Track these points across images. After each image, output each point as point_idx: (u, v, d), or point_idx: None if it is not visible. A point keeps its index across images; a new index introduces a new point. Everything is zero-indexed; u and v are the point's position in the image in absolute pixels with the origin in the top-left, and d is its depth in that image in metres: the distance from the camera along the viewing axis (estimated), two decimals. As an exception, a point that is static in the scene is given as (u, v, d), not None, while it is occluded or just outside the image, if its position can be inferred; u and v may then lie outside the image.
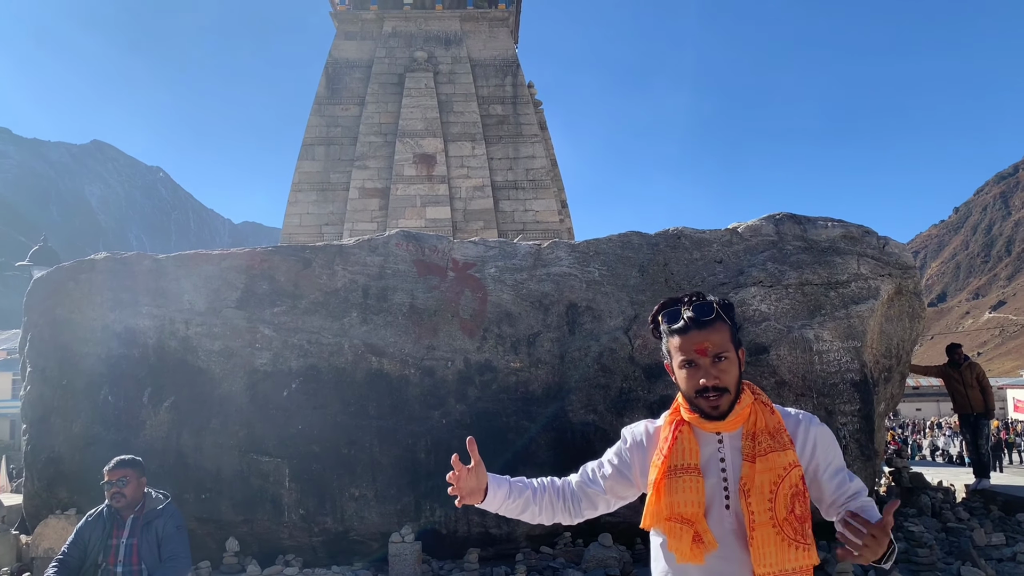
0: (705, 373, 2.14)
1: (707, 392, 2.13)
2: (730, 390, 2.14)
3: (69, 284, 8.40)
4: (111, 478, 4.31)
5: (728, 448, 2.18)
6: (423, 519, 7.78)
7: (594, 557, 7.14)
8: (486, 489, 2.44)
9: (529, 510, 2.45)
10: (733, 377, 2.15)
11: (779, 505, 2.05)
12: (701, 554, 2.09)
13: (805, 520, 2.08)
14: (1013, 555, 7.86)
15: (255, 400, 7.91)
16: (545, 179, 20.83)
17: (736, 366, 2.17)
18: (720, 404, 2.13)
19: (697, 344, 2.14)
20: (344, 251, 8.52)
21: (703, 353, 2.14)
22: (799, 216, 8.93)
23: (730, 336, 2.17)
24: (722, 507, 2.13)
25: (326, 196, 20.44)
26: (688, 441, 2.21)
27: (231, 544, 7.53)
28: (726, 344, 2.15)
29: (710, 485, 2.16)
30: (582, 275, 8.43)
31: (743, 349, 2.24)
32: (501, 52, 22.16)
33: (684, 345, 2.18)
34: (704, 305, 2.19)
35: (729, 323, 2.19)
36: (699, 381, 2.14)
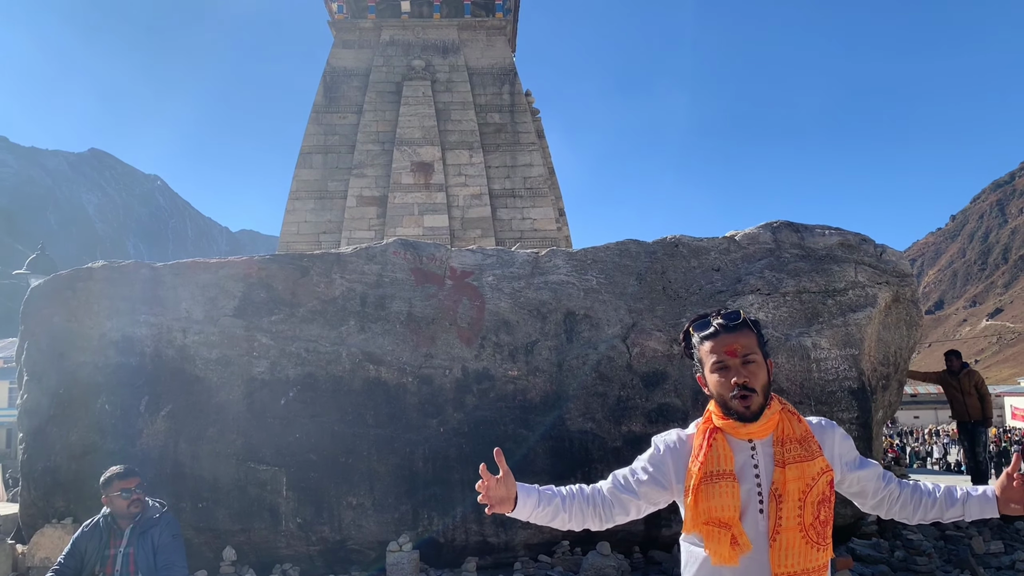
0: (736, 372, 2.28)
1: (738, 391, 2.27)
2: (759, 392, 2.28)
3: (66, 293, 8.39)
4: (129, 485, 4.30)
5: (761, 455, 2.29)
6: (421, 528, 7.76)
7: (592, 566, 7.12)
8: (515, 498, 2.48)
9: (559, 517, 2.52)
10: (761, 380, 2.29)
11: (807, 511, 2.18)
12: (737, 556, 2.22)
13: (827, 523, 2.23)
14: (1012, 563, 7.85)
15: (252, 409, 7.89)
16: (543, 187, 20.86)
17: (764, 371, 2.32)
18: (751, 404, 2.27)
19: (727, 346, 2.28)
20: (342, 259, 8.52)
21: (733, 354, 2.28)
22: (796, 224, 8.94)
23: (757, 343, 2.32)
24: (756, 511, 2.24)
25: (324, 204, 20.46)
26: (722, 448, 2.34)
27: (228, 553, 7.51)
28: (754, 348, 2.30)
29: (745, 490, 2.27)
30: (580, 283, 8.44)
31: (771, 360, 2.38)
32: (498, 60, 22.21)
33: (715, 348, 2.32)
34: (732, 312, 2.35)
35: (757, 332, 2.34)
36: (731, 380, 2.28)
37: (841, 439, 2.37)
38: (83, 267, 8.78)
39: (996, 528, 9.49)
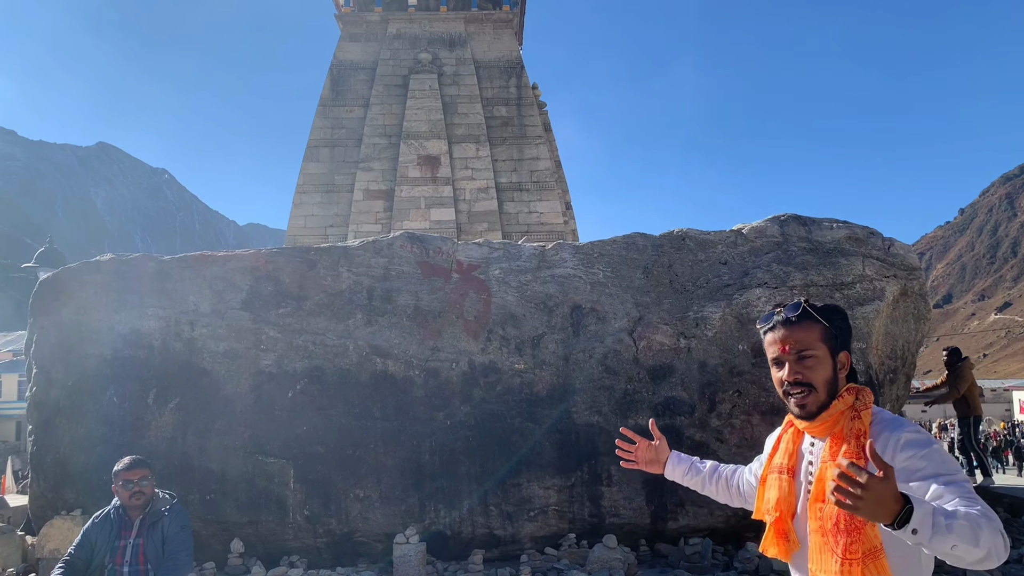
0: (788, 369, 2.15)
1: (788, 387, 2.15)
2: (816, 388, 2.12)
3: (74, 286, 8.43)
4: (132, 477, 4.32)
5: (817, 451, 2.17)
6: (428, 520, 7.79)
7: (599, 559, 7.13)
8: (665, 462, 2.78)
9: (706, 489, 2.74)
10: (821, 376, 2.12)
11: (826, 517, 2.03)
12: (786, 552, 2.18)
13: (852, 532, 1.96)
14: (1019, 557, 7.84)
15: (260, 401, 7.92)
16: (549, 181, 20.84)
17: (827, 366, 2.13)
18: (807, 403, 2.13)
19: (781, 342, 2.16)
20: (349, 253, 8.53)
21: (786, 351, 2.15)
22: (804, 217, 8.92)
23: (821, 336, 2.14)
24: (806, 508, 2.15)
25: (331, 198, 20.47)
26: (790, 443, 2.27)
27: (236, 545, 7.54)
28: (813, 342, 2.13)
29: (798, 485, 2.21)
30: (586, 277, 8.43)
31: (846, 353, 2.19)
32: (505, 53, 22.17)
33: (772, 342, 2.20)
34: (794, 305, 2.19)
35: (824, 324, 2.16)
36: (782, 377, 2.16)
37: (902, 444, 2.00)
38: (91, 260, 8.81)
39: (1004, 523, 9.47)
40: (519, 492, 7.85)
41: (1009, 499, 10.64)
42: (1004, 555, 1.79)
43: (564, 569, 7.26)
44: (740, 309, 8.21)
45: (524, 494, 7.86)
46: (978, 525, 1.74)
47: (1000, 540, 1.77)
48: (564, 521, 7.93)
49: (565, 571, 7.18)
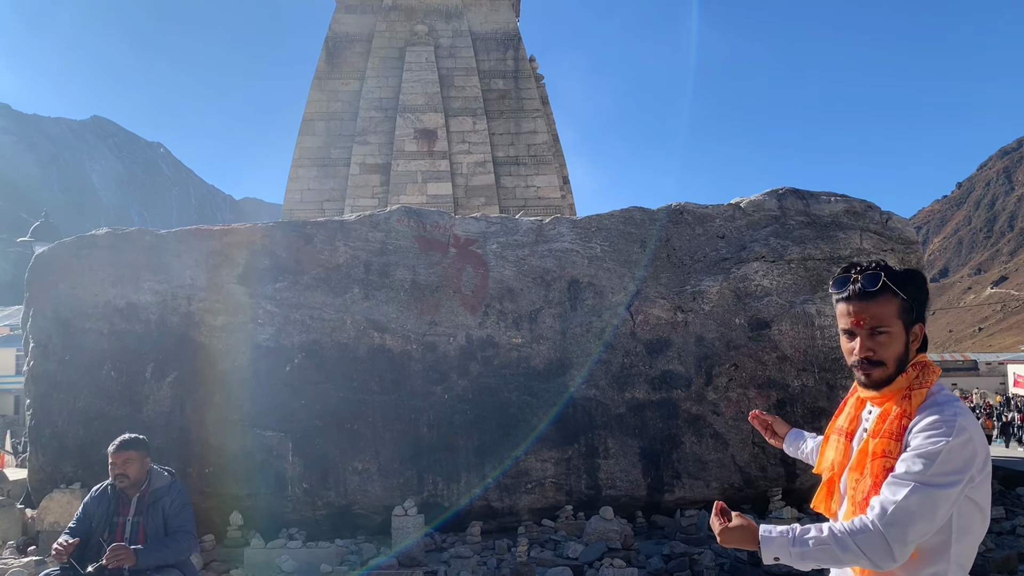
0: (860, 345, 2.10)
1: (860, 363, 2.11)
2: (887, 364, 2.09)
3: (71, 260, 8.40)
4: (115, 460, 4.32)
5: (871, 419, 2.18)
6: (426, 493, 7.84)
7: (595, 530, 7.19)
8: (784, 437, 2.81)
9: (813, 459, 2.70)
10: (892, 352, 2.08)
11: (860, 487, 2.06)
12: (831, 508, 2.21)
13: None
14: (1013, 528, 7.92)
15: (258, 375, 7.93)
16: (547, 154, 20.74)
17: (899, 342, 2.09)
18: (872, 373, 2.10)
19: (856, 315, 2.10)
20: (346, 227, 8.50)
21: (859, 325, 2.09)
22: (802, 191, 8.90)
23: (898, 311, 2.08)
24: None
25: (327, 172, 20.37)
26: (853, 408, 2.27)
27: (235, 518, 7.59)
28: (888, 319, 2.07)
29: (853, 448, 2.20)
30: (584, 251, 8.42)
31: (921, 325, 2.14)
32: (502, 25, 21.97)
33: (845, 312, 2.13)
34: (872, 276, 2.10)
35: (901, 297, 2.09)
36: (853, 350, 2.13)
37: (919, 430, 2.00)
38: (87, 235, 8.78)
39: (998, 494, 9.56)
40: (516, 465, 7.89)
41: (1003, 471, 10.74)
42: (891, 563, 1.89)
43: (561, 541, 7.32)
44: (737, 283, 8.21)
45: (521, 467, 7.90)
46: (842, 546, 1.90)
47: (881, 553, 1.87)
48: (561, 493, 7.98)
49: (562, 543, 7.24)
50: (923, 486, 1.89)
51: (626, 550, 6.97)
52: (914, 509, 1.88)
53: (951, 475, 1.89)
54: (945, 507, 1.90)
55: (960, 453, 1.91)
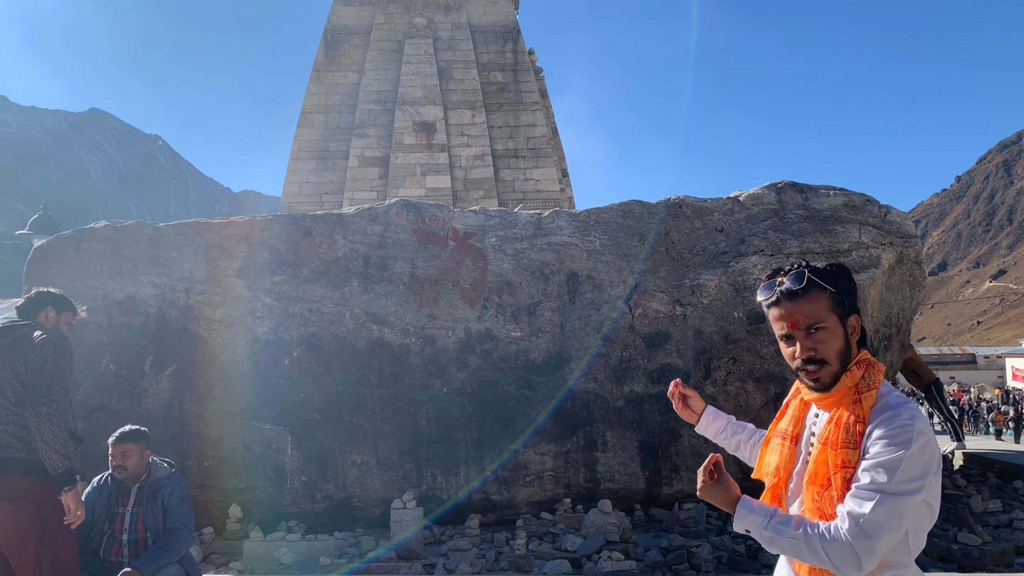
0: (800, 346, 2.04)
1: (802, 364, 2.05)
2: (830, 362, 2.03)
3: (69, 253, 8.39)
4: (114, 452, 4.35)
5: (819, 424, 2.11)
6: (425, 486, 7.86)
7: (594, 523, 7.20)
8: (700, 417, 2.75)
9: (740, 452, 2.65)
10: (834, 348, 2.03)
11: (825, 499, 1.99)
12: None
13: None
14: (1010, 521, 7.94)
15: (257, 368, 7.94)
16: (546, 148, 20.73)
17: (839, 336, 2.04)
18: (820, 376, 2.04)
19: (789, 316, 2.04)
20: (344, 220, 8.50)
21: (795, 326, 2.04)
22: (801, 184, 8.90)
23: (830, 305, 2.03)
24: (800, 478, 2.12)
25: (325, 165, 20.35)
26: (798, 409, 2.21)
27: (234, 511, 7.60)
28: (822, 314, 2.02)
29: (798, 454, 2.15)
30: (583, 244, 8.42)
31: (856, 316, 2.08)
32: (501, 18, 21.92)
33: (778, 317, 2.08)
34: (796, 274, 2.05)
35: (830, 291, 2.04)
36: (794, 354, 2.06)
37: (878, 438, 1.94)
38: (86, 227, 8.77)
39: (995, 487, 9.59)
40: (515, 458, 7.91)
41: (1000, 465, 10.77)
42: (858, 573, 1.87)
43: (559, 533, 7.34)
44: (736, 277, 8.21)
45: (520, 460, 7.92)
46: (810, 547, 1.90)
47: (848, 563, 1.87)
48: (560, 486, 8.00)
49: (560, 535, 7.26)
50: (889, 496, 1.86)
51: (624, 543, 6.99)
52: (882, 521, 1.86)
53: (914, 482, 1.87)
54: (910, 514, 1.89)
55: (920, 459, 1.88)
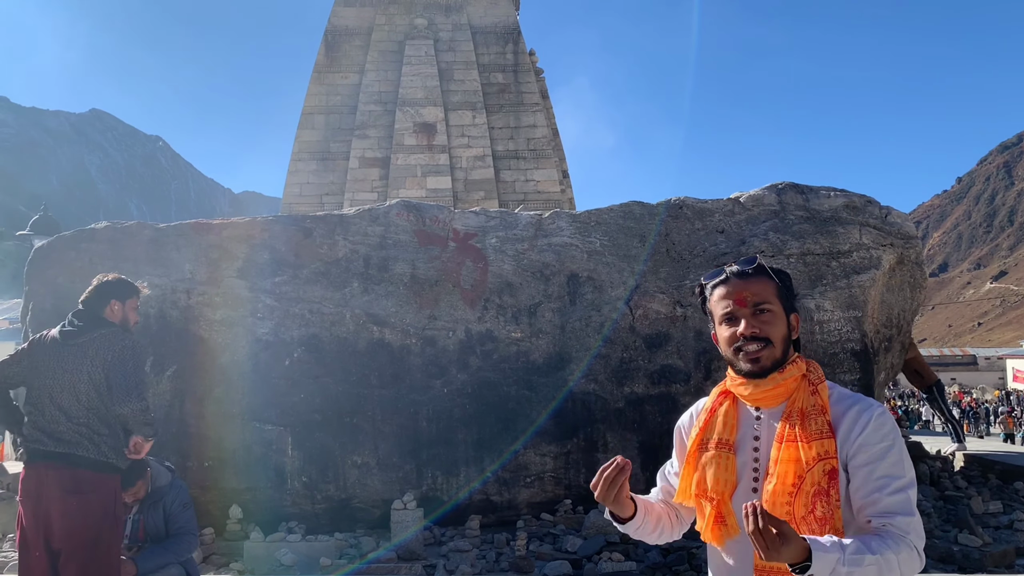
0: (745, 323, 1.96)
1: (743, 342, 1.96)
2: (773, 343, 1.95)
3: (70, 254, 8.40)
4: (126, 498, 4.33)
5: (765, 426, 1.98)
6: (425, 487, 7.86)
7: (594, 524, 7.20)
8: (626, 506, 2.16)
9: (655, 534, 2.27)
10: (778, 332, 1.97)
11: (798, 502, 1.84)
12: (722, 537, 1.98)
13: (827, 523, 1.83)
14: (1010, 523, 7.94)
15: (257, 369, 7.94)
16: (546, 149, 20.73)
17: (783, 323, 1.98)
18: (762, 356, 1.94)
19: (737, 293, 1.98)
20: (345, 221, 8.50)
21: (742, 303, 1.97)
22: (801, 186, 8.89)
23: (775, 292, 2.00)
24: (749, 489, 1.97)
25: (326, 166, 20.35)
26: (727, 414, 2.05)
27: (234, 511, 7.61)
28: (768, 296, 1.98)
29: (740, 464, 1.99)
30: (583, 245, 8.42)
31: (796, 315, 2.04)
32: (502, 19, 21.92)
33: (724, 296, 2.01)
34: (748, 257, 2.06)
35: (776, 281, 2.02)
36: (738, 332, 1.97)
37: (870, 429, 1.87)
38: (86, 228, 8.78)
39: (995, 488, 9.58)
40: (516, 459, 7.91)
41: (1001, 466, 10.76)
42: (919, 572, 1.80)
43: (560, 534, 7.34)
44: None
45: (521, 461, 7.92)
46: (888, 566, 1.74)
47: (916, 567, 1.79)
48: (560, 487, 8.00)
49: (561, 536, 7.26)
50: (912, 487, 1.85)
51: (625, 544, 6.99)
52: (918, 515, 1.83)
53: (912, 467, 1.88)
54: None
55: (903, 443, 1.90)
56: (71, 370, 3.86)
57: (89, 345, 3.91)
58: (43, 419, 3.84)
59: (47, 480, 3.78)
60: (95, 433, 3.83)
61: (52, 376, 3.87)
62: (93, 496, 3.80)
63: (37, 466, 3.84)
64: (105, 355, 3.88)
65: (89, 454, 3.81)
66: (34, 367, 3.95)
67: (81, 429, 3.81)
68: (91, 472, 3.81)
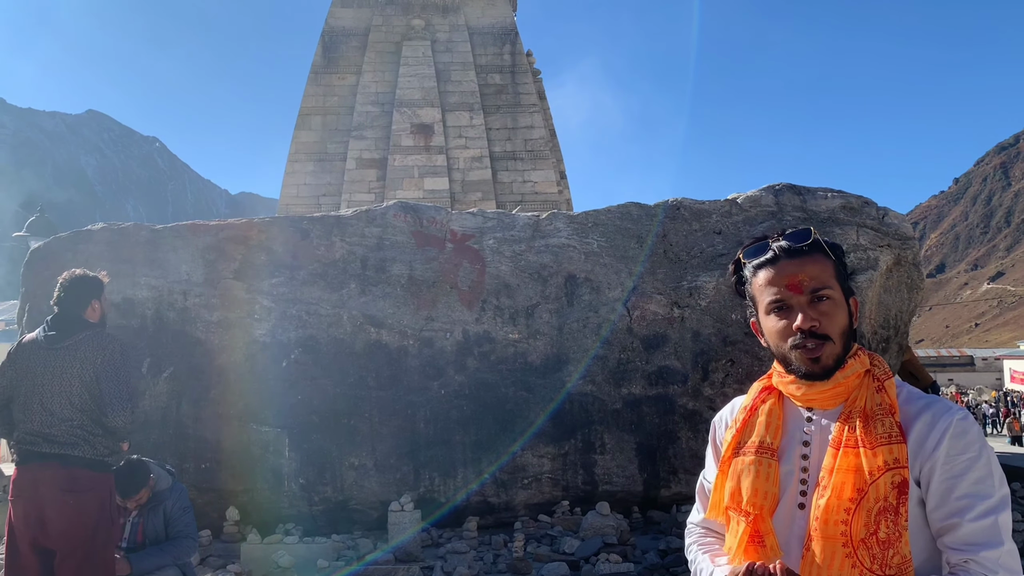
0: (802, 313, 1.60)
1: (801, 339, 1.60)
2: (834, 339, 1.60)
3: (67, 255, 8.38)
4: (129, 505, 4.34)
5: (817, 429, 1.64)
6: (422, 488, 7.85)
7: (592, 525, 7.20)
8: None
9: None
10: (838, 324, 1.61)
11: (857, 520, 1.51)
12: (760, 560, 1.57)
13: (891, 546, 1.49)
14: (1007, 524, 7.94)
15: (254, 371, 7.93)
16: (544, 149, 20.74)
17: (844, 312, 1.62)
18: (821, 355, 1.59)
19: (790, 277, 1.61)
20: (342, 222, 8.50)
21: (797, 288, 1.61)
22: (798, 187, 8.90)
23: (834, 273, 1.64)
24: (794, 504, 1.62)
25: (323, 167, 20.35)
26: (771, 414, 1.70)
27: (231, 513, 7.59)
28: (828, 279, 1.62)
29: (784, 474, 1.64)
30: (581, 246, 8.42)
31: (855, 299, 1.68)
32: (499, 20, 21.93)
33: (774, 280, 1.64)
34: (800, 232, 1.66)
35: (834, 259, 1.66)
36: (793, 324, 1.61)
37: (950, 436, 1.53)
38: (83, 229, 8.76)
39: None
40: (513, 460, 7.90)
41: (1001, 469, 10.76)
42: None
43: (558, 536, 7.33)
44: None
45: (518, 462, 7.92)
46: None
47: None
48: (558, 489, 8.00)
49: (559, 538, 7.25)
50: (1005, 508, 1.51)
51: (622, 545, 6.99)
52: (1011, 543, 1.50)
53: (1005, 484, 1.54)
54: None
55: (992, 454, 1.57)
56: (61, 374, 3.85)
57: (77, 348, 3.90)
58: (35, 423, 3.84)
59: (43, 479, 3.79)
60: (89, 433, 3.85)
61: (42, 381, 3.86)
62: (90, 494, 3.83)
63: (32, 467, 3.84)
64: (95, 358, 3.88)
65: (85, 454, 3.83)
66: (20, 375, 3.94)
67: (75, 430, 3.82)
68: (87, 471, 3.84)
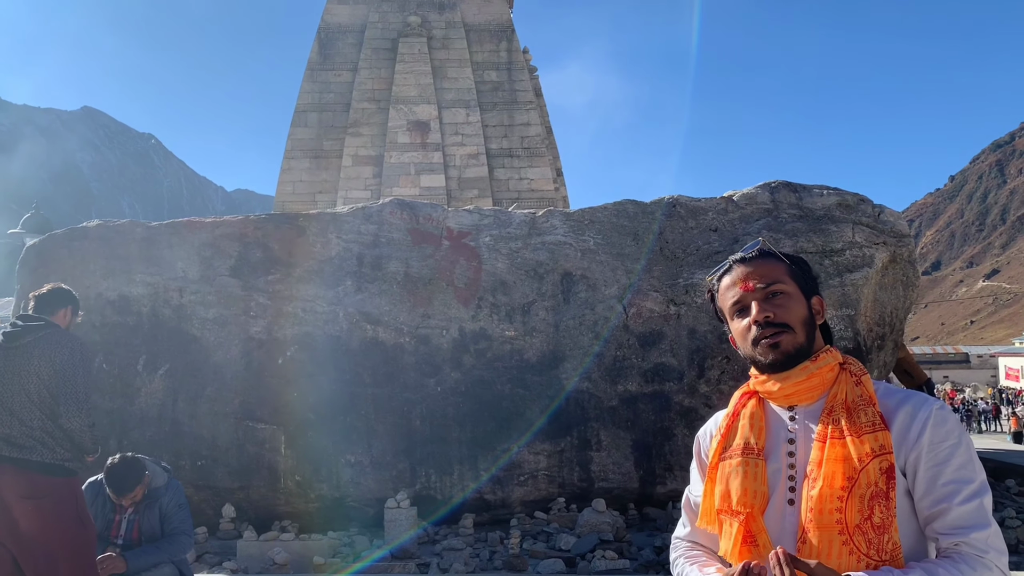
0: (757, 308, 1.69)
1: (758, 330, 1.68)
2: (793, 328, 1.66)
3: (62, 252, 8.36)
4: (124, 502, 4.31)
5: (801, 426, 1.68)
6: (419, 485, 7.85)
7: (588, 522, 7.21)
8: None
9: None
10: (795, 315, 1.67)
11: (851, 507, 1.55)
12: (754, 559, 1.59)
13: (885, 531, 1.53)
14: (1002, 520, 7.97)
15: (250, 368, 7.92)
16: (540, 147, 20.72)
17: (801, 305, 1.69)
18: (780, 341, 1.65)
19: (743, 279, 1.72)
20: (338, 219, 8.49)
21: (749, 287, 1.70)
22: (795, 184, 8.91)
23: (787, 272, 1.73)
24: (784, 501, 1.65)
25: (319, 164, 20.30)
26: (753, 416, 1.77)
27: (227, 510, 7.59)
28: (780, 276, 1.71)
29: (771, 472, 1.67)
30: (577, 244, 8.42)
31: (819, 298, 1.75)
32: (496, 17, 21.90)
33: (730, 285, 1.75)
34: (752, 243, 1.79)
35: (786, 262, 1.75)
36: (748, 328, 1.70)
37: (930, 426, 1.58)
38: (78, 227, 8.74)
39: (987, 486, 9.61)
40: (509, 458, 7.91)
41: (994, 463, 10.81)
42: None
43: (554, 532, 7.34)
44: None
45: (514, 459, 7.92)
46: None
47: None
48: (554, 486, 8.00)
49: (555, 534, 7.26)
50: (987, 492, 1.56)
51: (618, 542, 7.00)
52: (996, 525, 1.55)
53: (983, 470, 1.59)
54: None
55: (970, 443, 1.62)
56: (19, 372, 3.78)
57: (35, 346, 3.83)
58: None
59: (3, 483, 3.71)
60: (49, 436, 3.76)
61: (1, 381, 3.79)
62: (46, 501, 3.73)
63: None
64: (53, 356, 3.81)
65: (43, 458, 3.74)
66: None
67: (35, 433, 3.75)
68: (44, 476, 3.74)
